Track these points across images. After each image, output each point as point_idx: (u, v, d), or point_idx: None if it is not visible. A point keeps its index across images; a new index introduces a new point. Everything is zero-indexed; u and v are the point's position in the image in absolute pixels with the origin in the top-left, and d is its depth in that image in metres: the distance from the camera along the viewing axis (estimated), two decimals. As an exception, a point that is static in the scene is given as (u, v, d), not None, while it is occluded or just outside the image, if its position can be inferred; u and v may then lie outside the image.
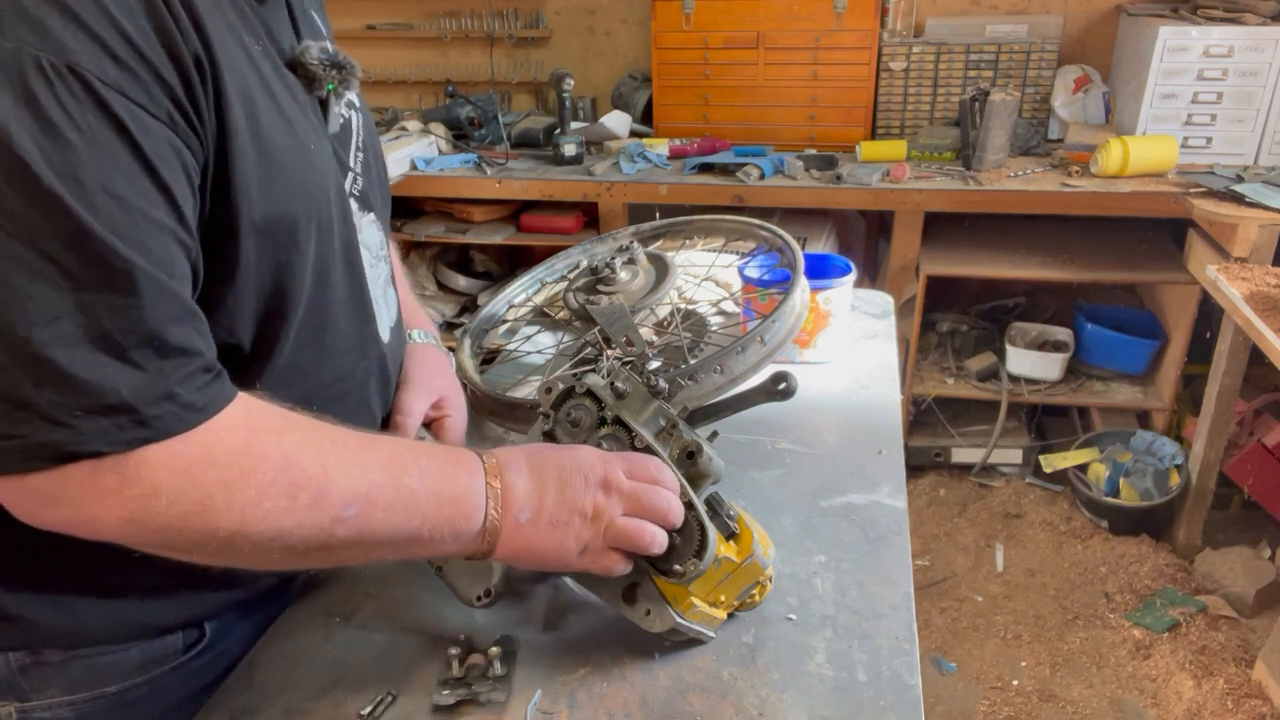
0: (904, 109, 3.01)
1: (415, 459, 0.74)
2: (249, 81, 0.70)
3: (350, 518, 0.68)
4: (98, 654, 0.80)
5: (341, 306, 0.85)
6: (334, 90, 0.83)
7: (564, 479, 0.77)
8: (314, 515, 0.67)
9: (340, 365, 0.86)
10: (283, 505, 0.65)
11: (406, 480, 0.71)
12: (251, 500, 0.64)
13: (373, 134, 0.95)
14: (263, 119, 0.71)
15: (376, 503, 0.69)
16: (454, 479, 0.74)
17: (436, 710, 0.80)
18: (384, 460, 0.72)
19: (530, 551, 0.77)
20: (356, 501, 0.68)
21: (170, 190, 0.63)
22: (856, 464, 1.14)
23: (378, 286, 0.93)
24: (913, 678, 0.81)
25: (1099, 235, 2.83)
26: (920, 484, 3.00)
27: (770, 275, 1.34)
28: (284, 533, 0.66)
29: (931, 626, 2.45)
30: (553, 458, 0.79)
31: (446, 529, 0.73)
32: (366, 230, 0.90)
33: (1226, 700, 2.12)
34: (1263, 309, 1.97)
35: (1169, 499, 2.62)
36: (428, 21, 3.42)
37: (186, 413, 0.62)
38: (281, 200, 0.72)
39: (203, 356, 0.65)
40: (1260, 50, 2.54)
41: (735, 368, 1.02)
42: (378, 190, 0.94)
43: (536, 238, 3.06)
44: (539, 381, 1.02)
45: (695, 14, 2.96)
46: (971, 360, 2.99)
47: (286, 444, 0.67)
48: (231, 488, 0.64)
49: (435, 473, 0.74)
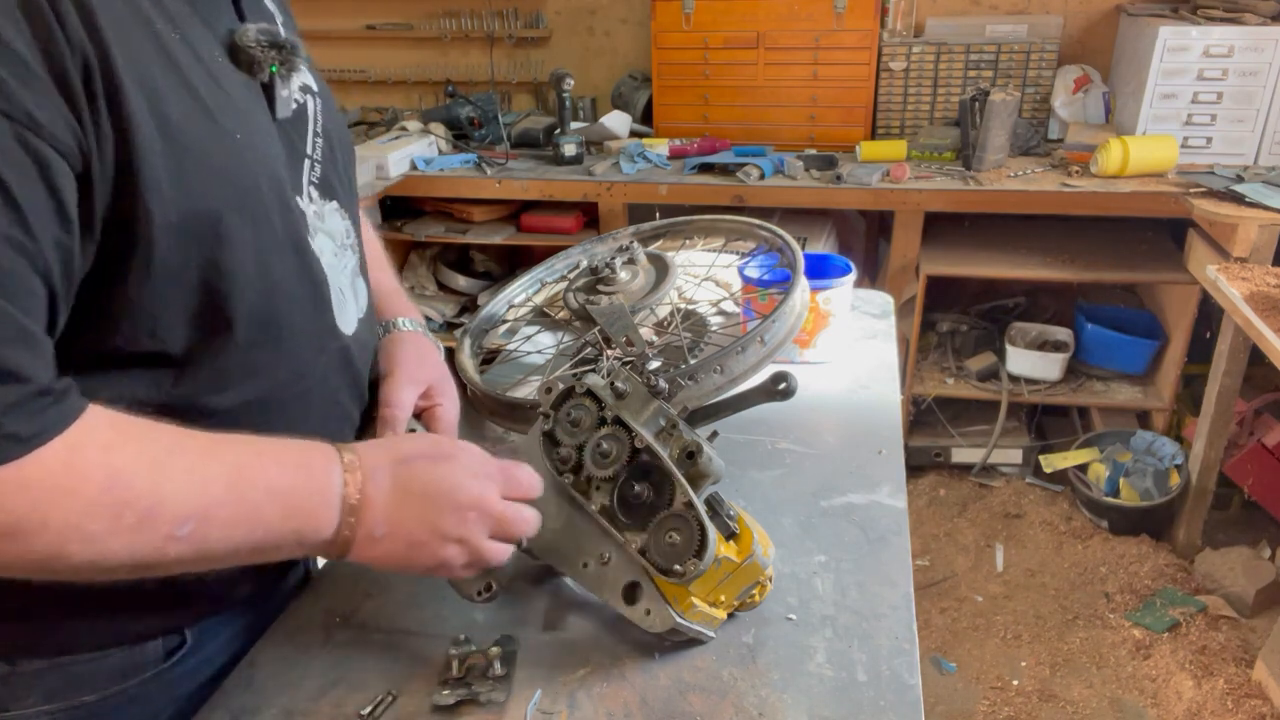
0: (904, 109, 3.01)
1: (263, 469, 0.70)
2: (155, 73, 0.66)
3: (185, 535, 0.65)
4: (76, 662, 0.79)
5: (292, 300, 0.80)
6: (278, 73, 0.79)
7: (430, 501, 0.75)
8: (143, 535, 0.63)
9: (298, 362, 0.83)
10: (106, 527, 0.62)
11: (250, 494, 0.68)
12: (71, 524, 0.61)
13: (335, 120, 0.91)
14: (173, 112, 0.67)
15: (214, 520, 0.66)
16: (306, 488, 0.71)
17: (436, 710, 0.80)
18: (226, 472, 0.68)
19: (383, 562, 0.76)
20: (192, 518, 0.65)
21: (11, 194, 0.58)
22: (856, 464, 1.14)
23: (343, 277, 0.89)
24: (913, 678, 0.81)
25: (1099, 235, 2.83)
26: (920, 484, 3.00)
27: (770, 275, 1.34)
28: (110, 553, 0.63)
29: (931, 626, 2.45)
30: (423, 474, 0.76)
31: (292, 539, 0.71)
32: (330, 219, 0.87)
33: (1226, 700, 2.12)
34: (1263, 309, 1.97)
35: (1169, 499, 2.62)
36: (428, 21, 3.42)
37: (9, 444, 0.58)
38: (199, 195, 0.68)
39: (34, 382, 0.60)
40: (1260, 50, 2.54)
41: (735, 368, 1.02)
42: (343, 177, 0.91)
43: (536, 238, 3.06)
44: (539, 381, 1.02)
45: (695, 14, 2.96)
46: (971, 360, 2.99)
47: (114, 461, 0.63)
48: (47, 510, 0.60)
49: (285, 484, 0.70)
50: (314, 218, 0.84)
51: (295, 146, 0.83)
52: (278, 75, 0.79)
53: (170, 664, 0.85)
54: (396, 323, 1.04)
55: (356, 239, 0.94)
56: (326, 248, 0.86)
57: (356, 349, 0.91)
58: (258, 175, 0.75)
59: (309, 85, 0.86)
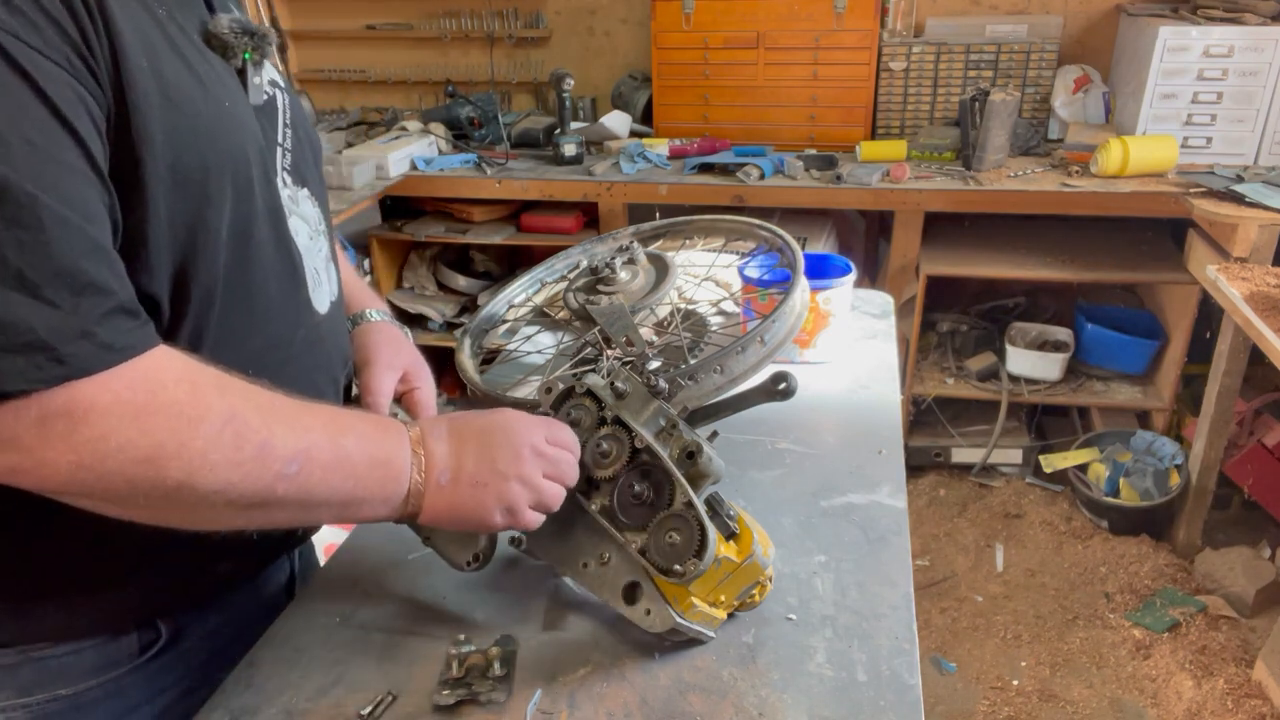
0: (904, 109, 3.01)
1: (350, 423, 0.76)
2: (151, 34, 0.70)
3: (292, 474, 0.69)
4: (50, 655, 0.80)
5: (269, 271, 0.84)
6: (250, 59, 0.82)
7: (485, 441, 0.80)
8: (258, 469, 0.68)
9: (273, 332, 0.85)
10: (229, 457, 0.66)
11: (343, 441, 0.73)
12: (200, 451, 0.65)
13: (303, 116, 0.94)
14: (167, 69, 0.70)
15: (316, 461, 0.71)
16: (384, 443, 0.77)
17: (436, 710, 0.80)
18: (322, 422, 0.73)
19: (453, 511, 0.79)
20: (298, 458, 0.70)
21: (78, 133, 0.63)
22: (856, 464, 1.14)
23: (318, 259, 0.93)
24: (913, 678, 0.81)
25: (1099, 235, 2.83)
26: (920, 484, 3.00)
27: (770, 275, 1.34)
28: (229, 485, 0.66)
29: (931, 626, 2.45)
30: (474, 421, 0.82)
31: (378, 491, 0.75)
32: (303, 204, 0.90)
33: (1226, 700, 2.12)
34: (1263, 309, 1.97)
35: (1169, 499, 2.62)
36: (428, 21, 3.42)
37: (105, 353, 0.62)
38: (190, 149, 0.71)
39: (116, 295, 0.64)
40: (1260, 50, 2.54)
41: (735, 368, 1.02)
42: (312, 170, 0.94)
43: (536, 238, 3.06)
44: (539, 381, 1.02)
45: (695, 14, 2.96)
46: (971, 360, 2.99)
47: (229, 398, 0.68)
48: (181, 436, 0.64)
49: (368, 436, 0.76)
50: (289, 200, 0.87)
51: (268, 133, 0.86)
52: (250, 62, 0.82)
53: (146, 659, 0.85)
54: (365, 314, 1.08)
55: (327, 228, 0.97)
56: (301, 230, 0.89)
57: (329, 329, 0.95)
58: (243, 144, 0.78)
59: (275, 80, 0.90)
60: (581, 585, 0.89)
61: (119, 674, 0.83)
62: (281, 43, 3.47)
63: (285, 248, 0.86)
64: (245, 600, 0.95)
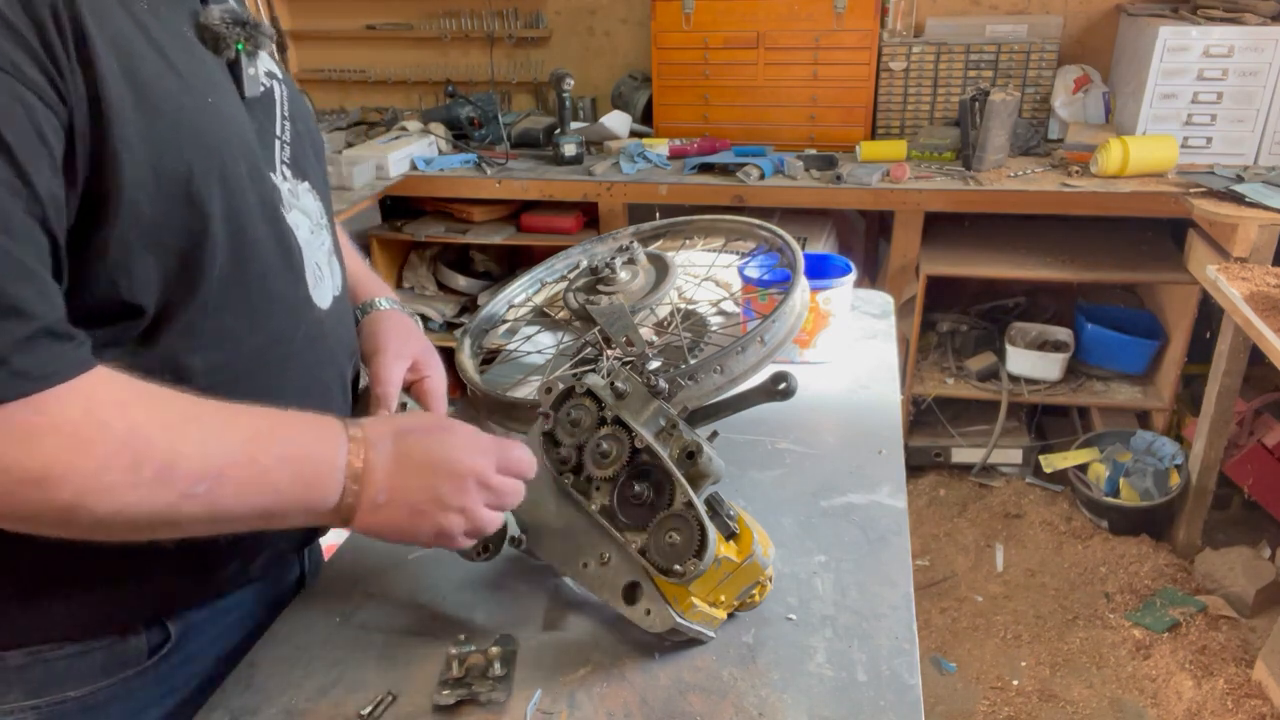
0: (904, 109, 3.01)
1: (274, 436, 0.73)
2: (127, 33, 0.68)
3: (200, 494, 0.67)
4: (58, 656, 0.79)
5: (266, 267, 0.81)
6: (244, 50, 0.80)
7: (430, 469, 0.77)
8: (159, 491, 0.65)
9: (273, 329, 0.83)
10: (125, 479, 0.63)
11: (262, 459, 0.70)
12: (91, 472, 0.62)
13: (302, 109, 0.92)
14: (144, 70, 0.68)
15: (229, 480, 0.68)
16: (314, 457, 0.74)
17: (436, 710, 0.80)
18: (242, 438, 0.70)
19: (383, 530, 0.77)
20: (207, 478, 0.67)
21: (9, 145, 0.60)
22: (856, 464, 1.14)
23: (320, 254, 0.91)
24: (913, 678, 0.81)
25: (1099, 235, 2.83)
26: (920, 484, 3.00)
27: (770, 275, 1.34)
28: (126, 507, 0.64)
29: (931, 626, 2.45)
30: (423, 445, 0.78)
31: (300, 506, 0.73)
32: (304, 198, 0.89)
33: (1226, 700, 2.12)
34: (1263, 309, 1.97)
35: (1169, 499, 2.62)
36: (428, 21, 3.42)
37: (18, 381, 0.60)
38: (171, 151, 0.70)
39: (42, 319, 0.61)
40: (1260, 50, 2.54)
41: (735, 368, 1.02)
42: (314, 163, 0.93)
43: (536, 238, 3.06)
44: (539, 381, 1.02)
45: (695, 14, 2.96)
46: (971, 360, 2.99)
47: (132, 416, 0.65)
48: (70, 458, 0.62)
49: (295, 451, 0.73)
50: (288, 194, 0.86)
51: (264, 126, 0.85)
52: (244, 53, 0.81)
53: (155, 660, 0.84)
54: (375, 302, 1.06)
55: (329, 221, 0.96)
56: (302, 224, 0.88)
57: (332, 324, 0.92)
58: (229, 139, 0.76)
59: (274, 72, 0.88)
60: (581, 585, 0.89)
61: (128, 675, 0.83)
62: (281, 42, 3.47)
63: (284, 243, 0.84)
64: (254, 601, 0.94)
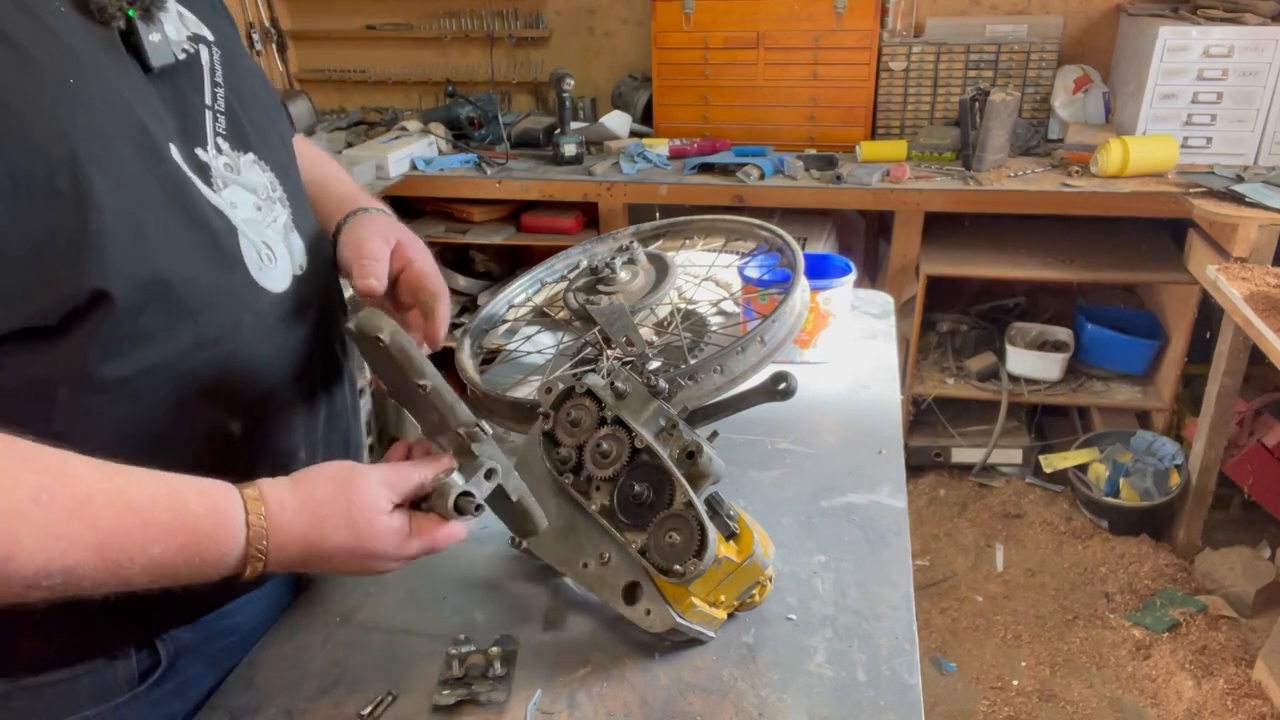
0: (904, 109, 3.01)
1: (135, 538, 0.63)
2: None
3: (50, 586, 0.60)
4: (45, 683, 0.76)
5: (182, 258, 0.73)
6: (135, 17, 0.73)
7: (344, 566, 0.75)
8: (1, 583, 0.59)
9: (205, 324, 0.76)
10: None
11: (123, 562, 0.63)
12: None
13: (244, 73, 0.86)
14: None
15: (83, 577, 0.62)
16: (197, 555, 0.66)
17: (436, 710, 0.80)
18: (96, 537, 0.62)
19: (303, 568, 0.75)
20: (56, 574, 0.60)
21: None
22: (856, 464, 1.14)
23: (270, 231, 0.84)
24: (913, 678, 0.81)
25: (1099, 235, 2.83)
26: (920, 484, 3.00)
27: (770, 275, 1.34)
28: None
29: (931, 626, 2.45)
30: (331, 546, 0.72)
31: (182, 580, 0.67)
32: (246, 172, 0.82)
33: (1226, 700, 2.12)
34: (1263, 309, 1.97)
35: (1169, 499, 2.62)
36: (428, 21, 3.42)
37: None
38: (21, 147, 0.63)
39: None
40: (1260, 50, 2.54)
41: (735, 368, 1.02)
42: (261, 129, 0.86)
43: (536, 238, 3.06)
44: (539, 381, 1.02)
45: (695, 14, 2.96)
46: (971, 360, 2.99)
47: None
48: None
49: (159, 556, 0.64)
50: (224, 169, 0.80)
51: (185, 95, 0.78)
52: (137, 20, 0.74)
53: (146, 687, 0.82)
54: (361, 209, 1.00)
55: (285, 193, 0.88)
56: (243, 201, 0.81)
57: (294, 306, 0.86)
58: (103, 125, 0.69)
59: (201, 35, 0.82)
60: (581, 585, 0.89)
61: (119, 702, 0.80)
62: (281, 42, 3.48)
63: (204, 226, 0.76)
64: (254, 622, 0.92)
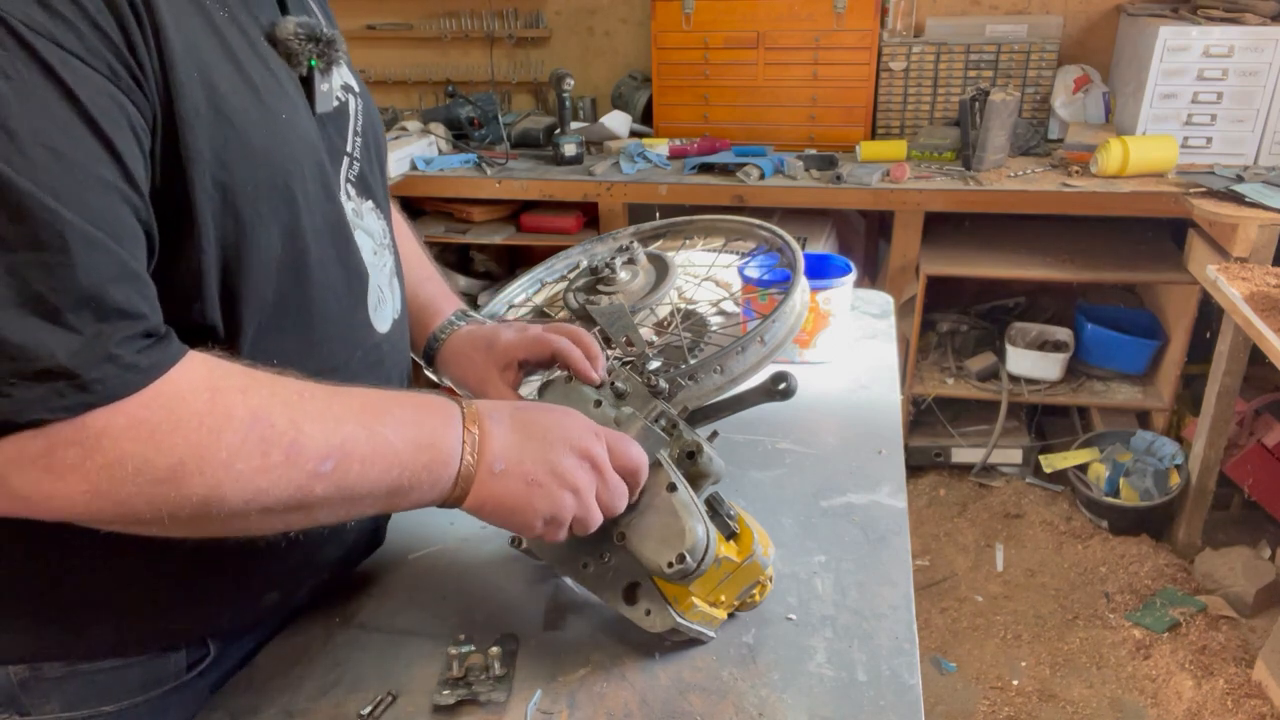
0: (904, 109, 3.01)
1: (389, 407, 0.71)
2: (204, 42, 0.66)
3: (327, 472, 0.66)
4: (98, 670, 0.78)
5: (329, 291, 0.79)
6: (316, 67, 0.78)
7: (548, 440, 0.76)
8: (289, 472, 0.64)
9: (328, 354, 0.81)
10: (256, 464, 0.62)
11: (381, 429, 0.69)
12: (223, 462, 0.61)
13: (375, 121, 0.90)
14: (220, 81, 0.66)
15: (353, 454, 0.67)
16: (429, 424, 0.72)
17: (436, 710, 0.80)
18: (357, 410, 0.69)
19: (499, 505, 0.75)
20: (332, 454, 0.66)
21: (114, 145, 0.59)
22: (856, 464, 1.14)
23: (382, 276, 0.89)
24: (913, 678, 0.81)
25: (1099, 235, 2.83)
26: (920, 484, 2.99)
27: (770, 275, 1.34)
28: (260, 493, 0.63)
29: (931, 626, 2.45)
30: (539, 416, 0.78)
31: (425, 476, 0.71)
32: (368, 218, 0.87)
33: (1226, 700, 2.12)
34: (1263, 309, 1.97)
35: (1169, 499, 2.62)
36: (428, 21, 3.42)
37: (129, 374, 0.59)
38: (240, 166, 0.68)
39: (146, 320, 0.61)
40: (1260, 50, 2.54)
41: (735, 368, 1.02)
42: (379, 179, 0.91)
43: (536, 238, 3.06)
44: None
45: (695, 14, 2.96)
46: (971, 360, 2.99)
47: (252, 401, 0.64)
48: (201, 450, 0.61)
49: (410, 419, 0.71)
50: (353, 214, 0.84)
51: (334, 143, 0.82)
52: (317, 70, 0.78)
53: (192, 677, 0.84)
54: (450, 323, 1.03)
55: (391, 241, 0.93)
56: (366, 245, 0.85)
57: (389, 349, 0.91)
58: (300, 158, 0.74)
59: (350, 84, 0.85)
60: (581, 585, 0.89)
61: (163, 691, 0.82)
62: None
63: (350, 265, 0.82)
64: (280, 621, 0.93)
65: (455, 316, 1.04)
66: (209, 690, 0.86)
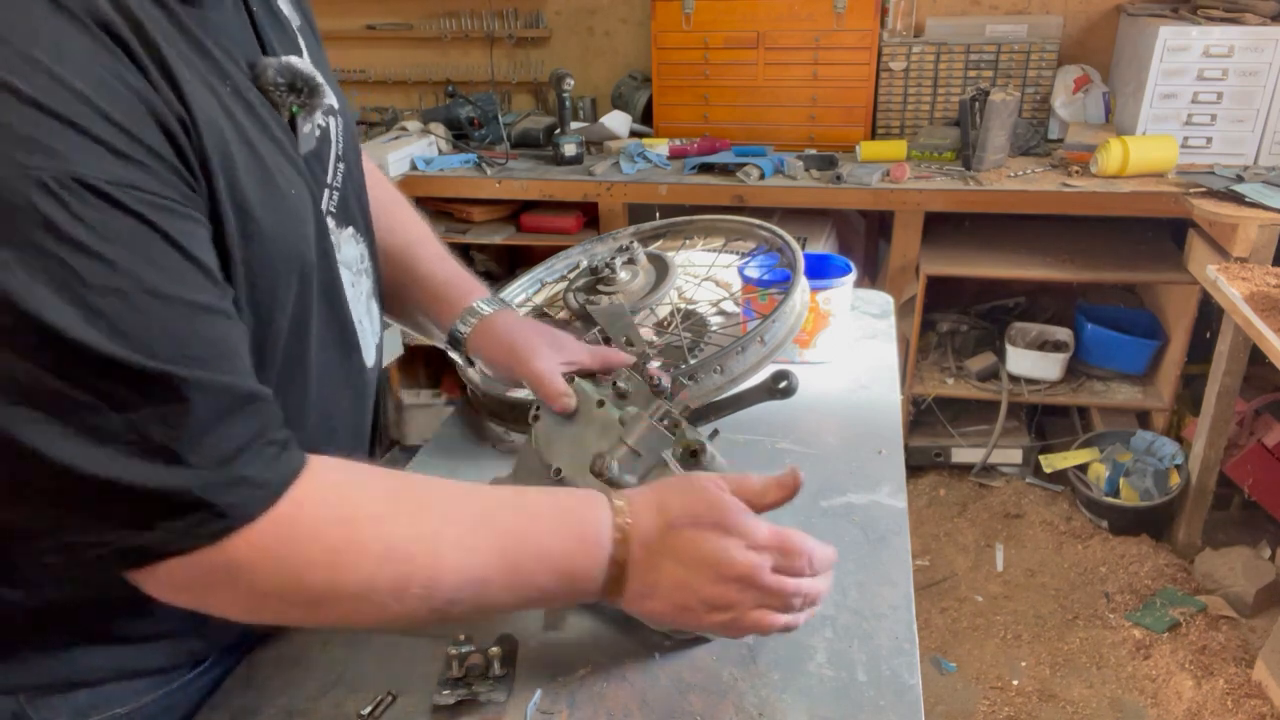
0: (904, 109, 3.01)
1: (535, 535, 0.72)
2: (225, 135, 0.66)
3: (465, 599, 0.69)
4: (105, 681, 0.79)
5: (323, 348, 0.82)
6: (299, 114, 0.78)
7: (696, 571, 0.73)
8: (424, 603, 0.67)
9: (324, 404, 0.83)
10: (390, 599, 0.66)
11: (524, 562, 0.71)
12: (359, 595, 0.65)
13: (352, 136, 0.89)
14: (240, 175, 0.67)
15: (492, 585, 0.69)
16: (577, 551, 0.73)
17: (436, 710, 0.80)
18: (500, 541, 0.70)
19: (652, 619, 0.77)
20: (470, 585, 0.68)
21: (204, 265, 0.62)
22: (856, 464, 1.14)
23: (359, 306, 0.89)
24: (913, 678, 0.81)
25: (1099, 235, 2.83)
26: (920, 484, 3.00)
27: (770, 275, 1.34)
28: (394, 619, 0.67)
29: (931, 626, 2.45)
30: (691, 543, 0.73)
31: (564, 595, 0.74)
32: (345, 247, 0.86)
33: (1226, 700, 2.12)
34: (1263, 309, 1.97)
35: (1169, 499, 2.62)
36: (428, 21, 3.42)
37: (261, 492, 0.62)
38: (259, 260, 0.69)
39: (265, 434, 0.64)
40: (1260, 50, 2.54)
41: (735, 368, 1.02)
42: (356, 199, 0.90)
43: (536, 238, 3.06)
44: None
45: (695, 14, 2.96)
46: (971, 360, 2.99)
47: (386, 532, 0.66)
48: (336, 586, 0.64)
49: (556, 548, 0.72)
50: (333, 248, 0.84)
51: (318, 178, 0.82)
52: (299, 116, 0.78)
53: (198, 672, 0.85)
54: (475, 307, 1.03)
55: (371, 262, 0.93)
56: (344, 278, 0.86)
57: (370, 377, 0.93)
58: (306, 233, 0.76)
59: (331, 105, 0.84)
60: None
61: (170, 689, 0.83)
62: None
63: (339, 318, 0.84)
64: None
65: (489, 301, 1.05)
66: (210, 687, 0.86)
